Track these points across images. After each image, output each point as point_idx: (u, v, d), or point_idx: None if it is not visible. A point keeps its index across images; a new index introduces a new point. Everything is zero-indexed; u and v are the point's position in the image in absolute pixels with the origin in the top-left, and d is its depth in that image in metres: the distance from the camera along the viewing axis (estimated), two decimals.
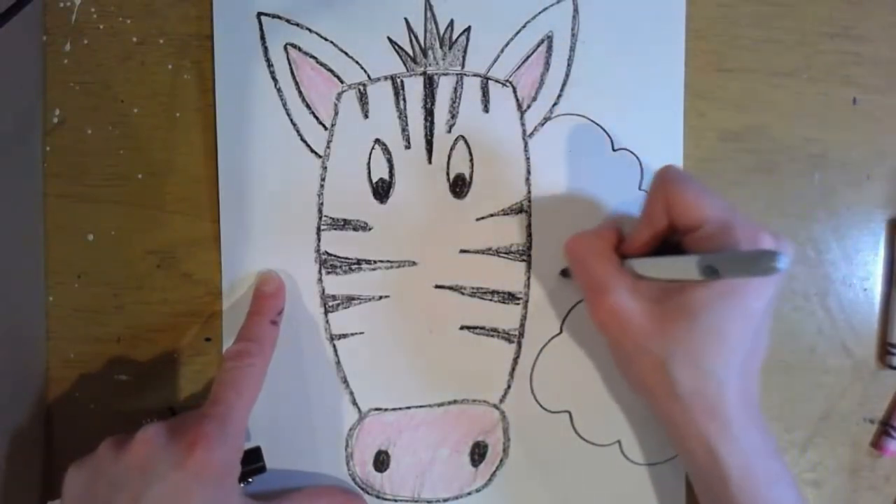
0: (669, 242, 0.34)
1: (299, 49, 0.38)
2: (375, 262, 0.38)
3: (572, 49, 0.38)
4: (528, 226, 0.39)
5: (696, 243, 0.32)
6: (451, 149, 0.38)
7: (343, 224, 0.38)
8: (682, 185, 0.32)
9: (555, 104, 0.38)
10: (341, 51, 0.38)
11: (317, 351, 0.38)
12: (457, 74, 0.38)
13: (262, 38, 0.38)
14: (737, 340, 0.31)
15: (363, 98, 0.38)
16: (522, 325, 0.39)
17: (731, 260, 0.29)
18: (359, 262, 0.38)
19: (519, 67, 0.38)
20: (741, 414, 0.31)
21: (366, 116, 0.38)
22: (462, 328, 0.38)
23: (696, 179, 0.33)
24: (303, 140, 0.38)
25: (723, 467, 0.31)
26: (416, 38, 0.38)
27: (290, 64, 0.38)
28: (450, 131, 0.38)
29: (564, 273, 0.38)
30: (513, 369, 0.39)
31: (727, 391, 0.31)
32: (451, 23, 0.38)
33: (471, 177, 0.38)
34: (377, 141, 0.38)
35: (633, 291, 0.32)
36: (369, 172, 0.38)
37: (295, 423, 0.38)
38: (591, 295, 0.33)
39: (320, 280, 0.38)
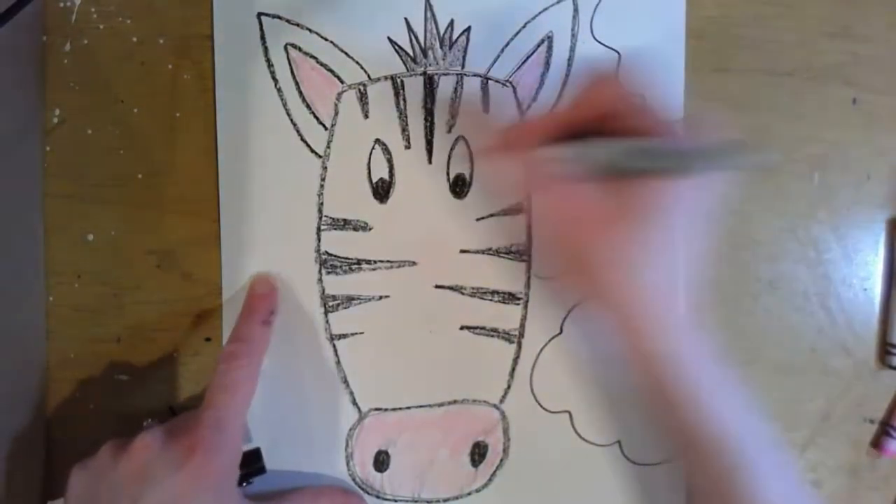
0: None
1: (299, 49, 0.38)
2: (375, 262, 0.38)
3: (572, 49, 0.38)
4: (528, 226, 0.39)
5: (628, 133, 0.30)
6: (451, 149, 0.38)
7: (343, 224, 0.38)
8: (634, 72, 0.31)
9: (555, 104, 0.38)
10: (341, 51, 0.38)
11: (317, 351, 0.38)
12: (457, 74, 0.38)
13: (263, 38, 0.38)
14: (664, 245, 0.30)
15: (363, 98, 0.38)
16: (522, 325, 0.39)
17: (705, 150, 0.28)
18: (359, 262, 0.38)
19: (519, 67, 0.38)
20: (673, 315, 0.31)
21: (366, 116, 0.38)
22: (462, 328, 0.38)
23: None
24: (303, 140, 0.38)
25: (662, 364, 0.31)
26: (416, 38, 0.38)
27: (290, 64, 0.38)
28: (450, 131, 0.38)
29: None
30: (513, 369, 0.39)
31: (670, 296, 0.30)
32: (451, 23, 0.38)
33: (471, 177, 0.38)
34: (377, 141, 0.38)
35: (581, 187, 0.30)
36: (369, 172, 0.38)
37: (295, 423, 0.38)
38: (532, 180, 0.32)
39: (320, 280, 0.38)
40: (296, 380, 0.38)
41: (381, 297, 0.38)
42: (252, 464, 0.36)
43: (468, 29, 0.38)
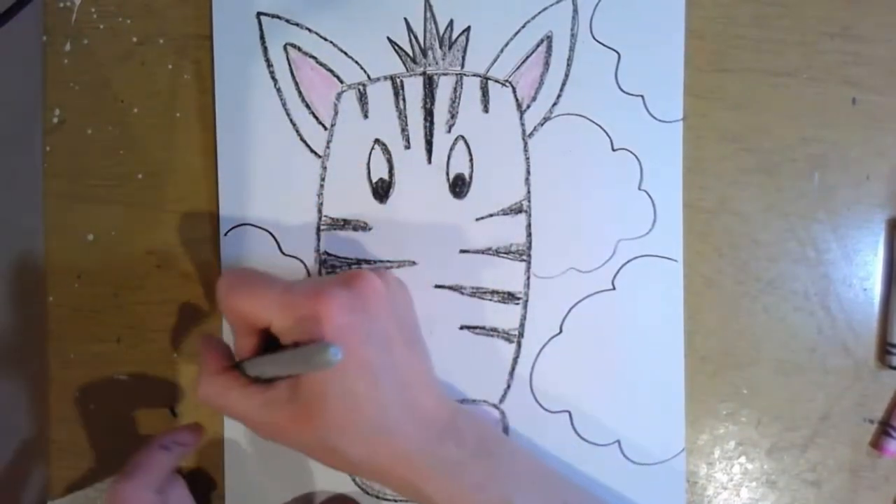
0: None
1: (299, 49, 0.38)
2: (375, 262, 0.38)
3: (572, 49, 0.38)
4: (528, 226, 0.39)
5: (283, 341, 0.31)
6: (451, 149, 0.38)
7: (343, 224, 0.38)
8: (233, 291, 0.31)
9: (554, 104, 0.38)
10: (341, 51, 0.38)
11: None
12: (456, 74, 0.38)
13: (262, 38, 0.38)
14: (372, 392, 0.30)
15: (363, 98, 0.38)
16: (522, 325, 0.39)
17: (290, 363, 0.30)
18: (359, 262, 0.38)
19: (519, 67, 0.38)
20: (423, 443, 0.31)
21: (365, 116, 0.38)
22: (462, 328, 0.38)
23: (248, 275, 0.32)
24: (303, 140, 0.38)
25: (437, 501, 0.31)
26: (415, 38, 0.38)
27: (289, 64, 0.38)
28: (449, 131, 0.38)
29: None
30: (513, 369, 0.39)
31: (397, 436, 0.30)
32: (451, 23, 0.38)
33: (470, 177, 0.38)
34: (377, 141, 0.38)
35: (268, 404, 0.31)
36: (369, 172, 0.38)
37: None
38: (244, 424, 0.32)
39: None
40: None
41: None
42: None
43: (468, 29, 0.38)
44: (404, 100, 0.38)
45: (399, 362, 0.32)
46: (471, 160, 0.38)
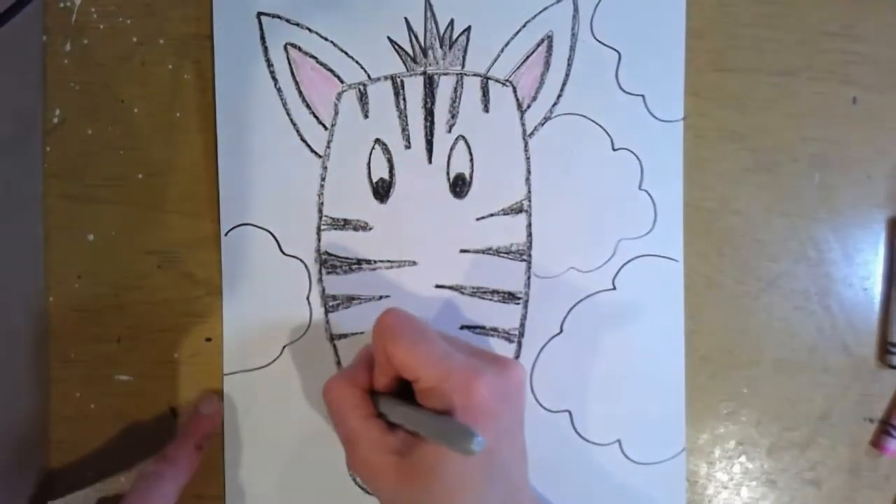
0: None
1: (299, 49, 0.38)
2: (375, 262, 0.38)
3: (572, 49, 0.38)
4: (529, 225, 0.39)
5: (419, 396, 0.31)
6: (452, 149, 0.38)
7: (343, 224, 0.38)
8: (395, 337, 0.31)
9: (555, 104, 0.38)
10: (341, 51, 0.38)
11: (317, 351, 0.38)
12: (457, 74, 0.38)
13: (262, 37, 0.38)
14: (481, 482, 0.30)
15: (363, 98, 0.38)
16: (523, 325, 0.39)
17: (429, 428, 0.29)
18: (359, 262, 0.38)
19: (519, 67, 0.38)
20: None
21: (366, 116, 0.38)
22: (462, 328, 0.38)
23: (412, 325, 0.32)
24: (303, 140, 0.38)
25: None
26: (416, 37, 0.38)
27: (290, 64, 0.38)
28: (450, 131, 0.38)
29: None
30: None
31: None
32: (451, 22, 0.38)
33: (471, 177, 0.38)
34: (377, 141, 0.38)
35: (381, 445, 0.31)
36: (369, 172, 0.38)
37: (295, 424, 0.38)
38: (344, 446, 0.32)
39: (320, 280, 0.38)
40: (296, 380, 0.38)
41: (381, 297, 0.38)
42: None
43: (468, 28, 0.38)
44: (405, 99, 0.38)
45: (510, 456, 0.32)
46: (471, 160, 0.38)
